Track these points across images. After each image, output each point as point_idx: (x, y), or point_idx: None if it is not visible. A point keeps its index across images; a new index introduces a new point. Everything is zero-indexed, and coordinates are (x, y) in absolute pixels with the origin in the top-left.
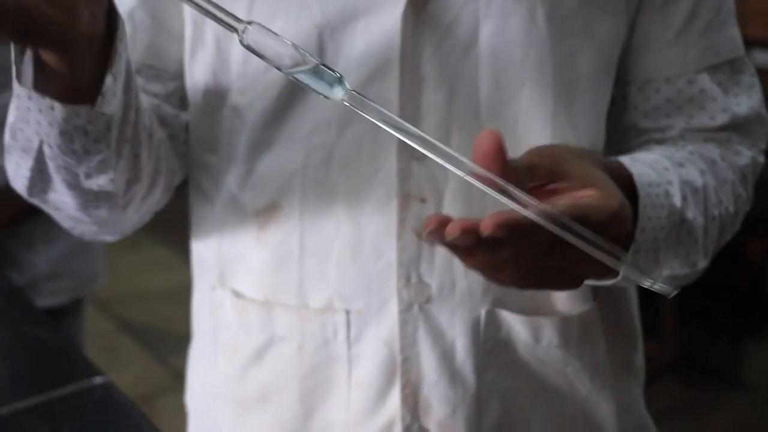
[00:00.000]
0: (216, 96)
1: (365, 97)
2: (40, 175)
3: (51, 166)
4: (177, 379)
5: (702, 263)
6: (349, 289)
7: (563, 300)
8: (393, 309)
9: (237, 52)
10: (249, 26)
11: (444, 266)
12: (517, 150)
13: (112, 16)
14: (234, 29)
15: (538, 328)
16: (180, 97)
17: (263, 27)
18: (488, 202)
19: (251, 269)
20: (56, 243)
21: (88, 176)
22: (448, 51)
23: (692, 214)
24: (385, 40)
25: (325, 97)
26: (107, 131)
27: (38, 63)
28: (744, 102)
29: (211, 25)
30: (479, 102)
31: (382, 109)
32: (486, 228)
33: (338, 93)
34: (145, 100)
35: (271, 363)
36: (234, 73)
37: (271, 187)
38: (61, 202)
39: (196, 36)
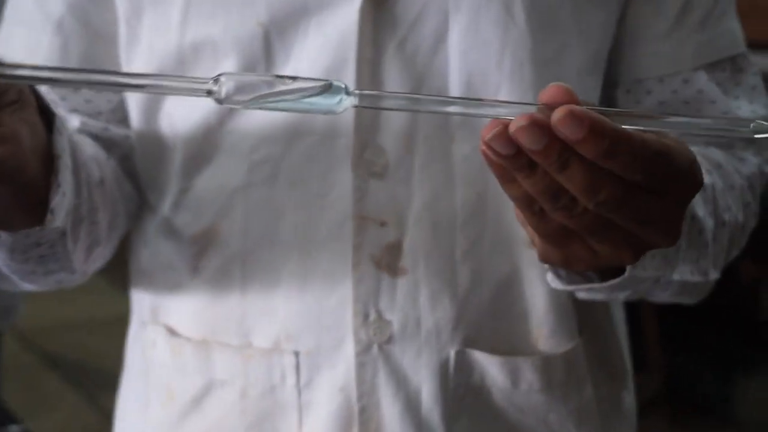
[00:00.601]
0: (151, 104)
1: (381, 92)
2: None
3: (4, 269)
4: (109, 423)
5: (713, 274)
6: (299, 327)
7: (545, 338)
8: (349, 350)
9: (172, 52)
10: (221, 78)
11: (407, 300)
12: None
13: (45, 114)
14: (206, 92)
15: (516, 370)
16: (127, 112)
17: (233, 74)
18: (458, 224)
19: (187, 303)
20: None
21: (46, 274)
22: (413, 51)
23: (702, 212)
24: (340, 39)
25: (333, 113)
26: (62, 235)
27: None
28: (745, 105)
29: (145, 25)
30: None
31: (408, 94)
32: (581, 125)
33: (347, 102)
34: (88, 144)
35: (211, 410)
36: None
37: (209, 208)
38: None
39: (131, 38)
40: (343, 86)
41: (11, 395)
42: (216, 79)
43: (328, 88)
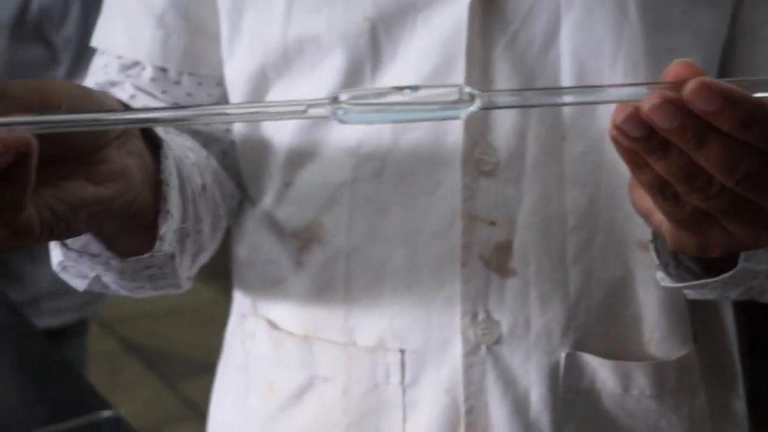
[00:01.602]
0: (253, 97)
1: (501, 90)
2: (97, 285)
3: (112, 286)
4: (189, 408)
5: None
6: (404, 325)
7: (657, 343)
8: (456, 350)
9: (276, 46)
10: (340, 96)
11: (516, 301)
12: (606, 173)
13: (150, 136)
14: (326, 115)
15: (628, 375)
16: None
17: (353, 90)
18: (568, 226)
19: (289, 298)
20: None
21: (155, 289)
22: (524, 48)
23: None
24: (449, 34)
25: (455, 119)
26: (171, 258)
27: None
28: None
29: (247, 21)
30: (560, 107)
31: (526, 90)
32: (716, 95)
33: (471, 107)
34: (188, 149)
35: (312, 406)
36: (274, 71)
37: (313, 202)
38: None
39: (233, 33)
40: (470, 93)
41: (95, 380)
42: (335, 98)
43: (461, 98)
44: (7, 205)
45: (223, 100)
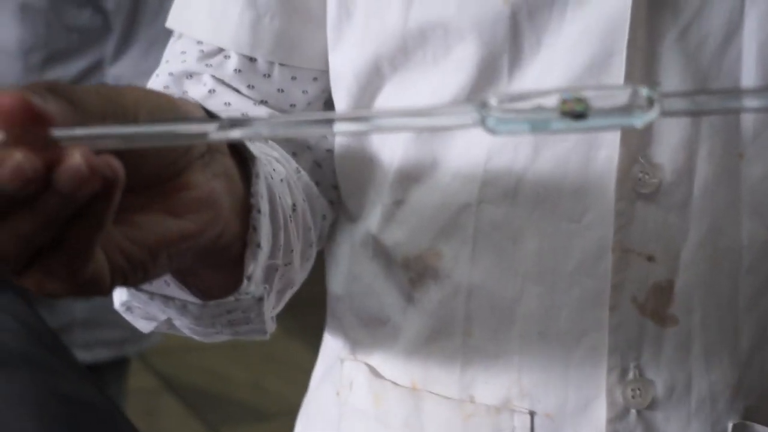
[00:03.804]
0: (366, 96)
1: (681, 93)
2: (165, 327)
3: (183, 331)
4: None
5: None
6: (536, 381)
7: None
8: (599, 415)
9: (393, 34)
10: (490, 101)
11: (676, 357)
12: None
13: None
14: (474, 122)
15: None
16: (325, 104)
17: (506, 94)
18: (743, 264)
19: (395, 340)
20: None
21: (235, 334)
22: (698, 42)
23: None
24: (607, 24)
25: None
26: (259, 301)
27: None
28: None
29: (361, 4)
30: (739, 116)
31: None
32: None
33: (649, 116)
34: (275, 161)
35: None
36: (389, 63)
37: (429, 226)
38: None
39: (342, 17)
40: (650, 93)
41: (132, 418)
42: (483, 103)
43: (636, 102)
44: (76, 252)
45: (321, 97)
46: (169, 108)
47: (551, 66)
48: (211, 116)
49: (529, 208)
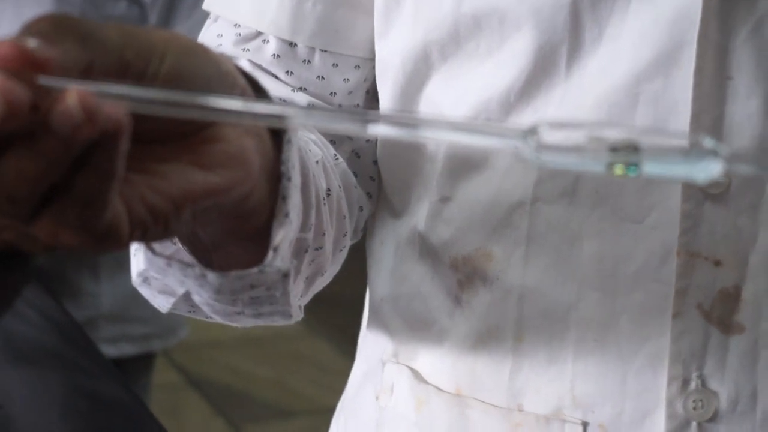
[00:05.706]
0: (412, 86)
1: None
2: (184, 305)
3: (203, 308)
4: None
5: None
6: (591, 390)
7: None
8: (658, 427)
9: (445, 21)
10: (539, 129)
11: (741, 367)
12: None
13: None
14: (518, 150)
15: None
16: (367, 93)
17: (555, 123)
18: None
19: (441, 344)
20: (127, 276)
21: (256, 316)
22: None
23: None
24: (676, 14)
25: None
26: (284, 277)
27: None
28: None
29: None
30: None
31: None
32: None
33: (712, 169)
34: (312, 143)
35: None
36: (439, 51)
37: (480, 225)
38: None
39: (391, 4)
40: (714, 149)
41: (155, 414)
42: (532, 130)
43: (704, 153)
44: (86, 202)
45: (363, 86)
46: (203, 56)
47: (614, 59)
48: (252, 85)
49: (588, 208)
